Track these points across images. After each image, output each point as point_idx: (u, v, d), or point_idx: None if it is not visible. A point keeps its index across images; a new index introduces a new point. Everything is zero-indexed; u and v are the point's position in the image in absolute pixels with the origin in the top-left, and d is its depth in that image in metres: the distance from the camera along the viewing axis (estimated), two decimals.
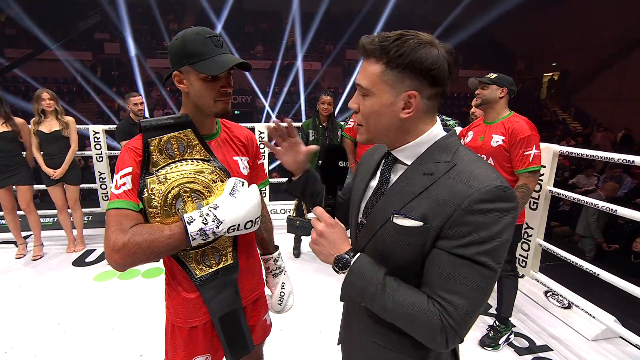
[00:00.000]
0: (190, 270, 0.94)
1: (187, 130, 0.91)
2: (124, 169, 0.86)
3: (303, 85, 13.35)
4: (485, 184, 0.59)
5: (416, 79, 0.63)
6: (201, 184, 0.90)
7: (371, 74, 0.65)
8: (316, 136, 3.09)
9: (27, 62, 11.63)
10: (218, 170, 0.93)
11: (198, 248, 0.94)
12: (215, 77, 0.85)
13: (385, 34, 0.65)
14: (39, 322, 2.28)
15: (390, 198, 0.68)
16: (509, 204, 0.60)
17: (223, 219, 0.83)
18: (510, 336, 2.13)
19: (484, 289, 0.60)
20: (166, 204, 0.86)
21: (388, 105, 0.65)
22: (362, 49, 0.67)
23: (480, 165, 0.63)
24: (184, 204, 0.88)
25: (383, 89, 0.65)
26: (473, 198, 0.59)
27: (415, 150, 0.69)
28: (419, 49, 0.62)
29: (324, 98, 2.99)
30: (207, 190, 0.90)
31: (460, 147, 0.67)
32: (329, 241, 0.70)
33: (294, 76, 13.53)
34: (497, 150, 1.91)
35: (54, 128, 3.11)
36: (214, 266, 0.96)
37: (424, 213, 0.62)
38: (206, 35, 0.84)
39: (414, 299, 0.62)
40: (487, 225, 0.59)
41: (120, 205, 0.83)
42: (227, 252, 0.99)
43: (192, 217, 0.83)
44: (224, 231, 0.84)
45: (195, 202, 0.89)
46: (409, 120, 0.66)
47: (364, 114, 0.68)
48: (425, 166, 0.66)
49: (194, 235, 0.82)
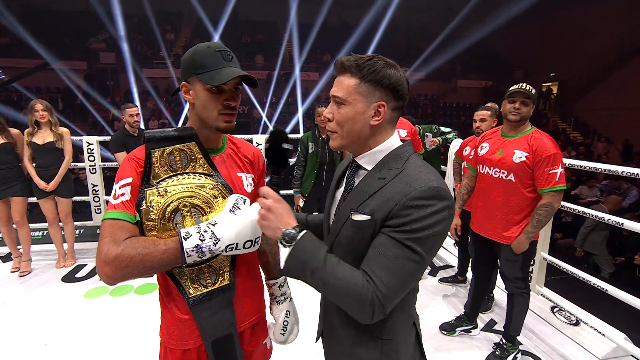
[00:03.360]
0: (184, 289, 0.92)
1: (191, 143, 0.91)
2: (124, 179, 0.86)
3: (301, 96, 13.47)
4: (422, 184, 0.72)
5: (384, 93, 0.78)
6: (202, 199, 0.89)
7: (347, 86, 0.78)
8: (316, 149, 3.09)
9: (33, 73, 11.76)
10: (220, 186, 0.92)
11: (194, 266, 0.92)
12: (221, 89, 0.87)
13: (358, 55, 0.79)
14: (23, 343, 2.21)
15: (351, 199, 0.81)
16: (441, 202, 0.72)
17: (221, 237, 0.82)
18: (518, 355, 2.10)
19: (410, 270, 0.72)
20: (164, 218, 0.86)
21: (361, 113, 0.78)
22: (340, 66, 0.79)
23: (423, 170, 0.76)
24: (182, 218, 0.87)
25: (357, 99, 0.78)
26: (410, 195, 0.72)
27: (375, 157, 0.82)
28: (386, 68, 0.77)
29: (319, 110, 3.00)
30: (207, 206, 0.90)
31: (412, 156, 0.80)
32: (276, 215, 0.78)
33: (292, 87, 13.65)
34: (519, 167, 1.85)
35: (47, 139, 3.11)
36: (209, 286, 0.94)
37: (372, 209, 0.75)
38: (216, 48, 0.88)
39: (351, 273, 0.72)
40: (420, 218, 0.71)
41: (116, 215, 0.83)
42: (225, 272, 0.96)
43: (189, 233, 0.82)
44: (221, 249, 0.83)
45: (194, 217, 0.88)
46: (376, 128, 0.80)
47: (339, 121, 0.80)
48: (380, 172, 0.79)
49: (190, 252, 0.81)
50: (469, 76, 16.52)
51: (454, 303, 2.75)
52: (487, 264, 2.22)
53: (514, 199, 1.90)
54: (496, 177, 1.96)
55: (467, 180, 2.29)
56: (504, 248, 1.96)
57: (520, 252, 1.90)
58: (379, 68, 0.76)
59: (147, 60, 13.91)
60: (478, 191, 2.13)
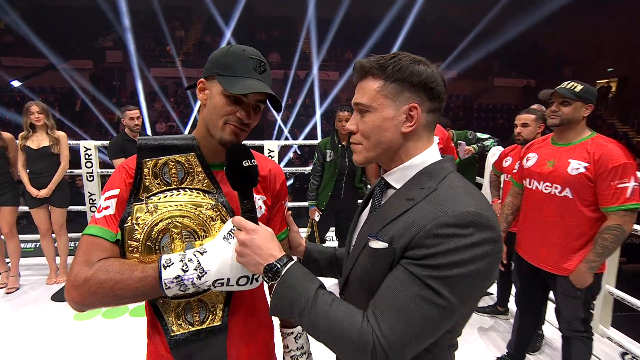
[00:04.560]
0: (167, 324, 0.86)
1: (190, 154, 0.88)
2: (111, 190, 0.85)
3: (319, 98, 13.50)
4: (455, 208, 0.63)
5: (415, 92, 0.72)
6: (196, 220, 0.84)
7: (370, 90, 0.74)
8: (334, 157, 3.01)
9: (39, 74, 12.34)
10: (220, 206, 0.87)
11: (182, 298, 0.86)
12: (239, 100, 0.84)
13: (380, 55, 0.75)
14: None
15: (373, 222, 0.75)
16: (481, 233, 0.62)
17: (208, 269, 0.77)
18: None
19: (430, 317, 0.62)
20: (150, 239, 0.82)
21: (390, 119, 0.73)
22: (360, 69, 0.76)
23: (462, 191, 0.68)
24: (171, 241, 0.83)
25: (384, 103, 0.73)
26: (438, 220, 0.63)
27: (405, 173, 0.76)
28: (415, 64, 0.72)
29: (340, 115, 2.91)
30: (201, 229, 0.85)
31: (451, 175, 0.72)
32: (253, 249, 0.74)
33: (309, 87, 13.72)
34: (577, 180, 1.69)
35: (42, 144, 3.16)
36: (196, 324, 0.87)
37: (393, 235, 0.68)
38: (251, 55, 0.85)
39: (347, 315, 0.65)
40: (449, 251, 0.61)
41: (95, 232, 0.81)
42: (217, 310, 0.89)
43: (170, 260, 0.78)
44: (208, 284, 0.78)
45: (185, 241, 0.84)
46: (410, 136, 0.74)
47: (364, 131, 0.75)
48: (410, 191, 0.72)
49: (168, 284, 0.76)
50: (508, 74, 16.13)
51: (494, 339, 2.57)
52: (537, 297, 2.05)
53: (572, 219, 1.74)
54: (547, 192, 1.81)
55: (511, 199, 2.14)
56: (561, 281, 1.79)
57: (583, 286, 1.73)
58: (405, 65, 0.72)
59: (155, 59, 14.32)
60: (526, 210, 1.98)
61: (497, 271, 0.69)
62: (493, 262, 0.64)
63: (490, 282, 0.67)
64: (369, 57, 0.76)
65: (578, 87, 1.73)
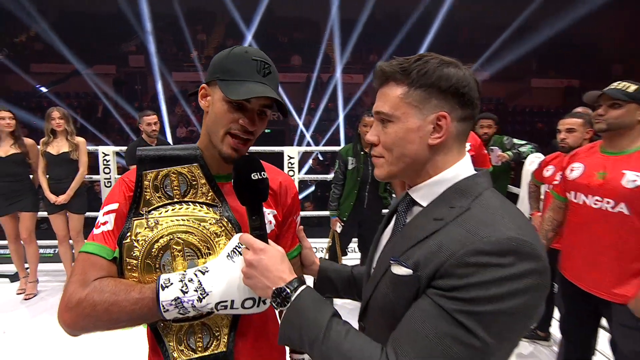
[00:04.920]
0: (167, 350, 0.84)
1: (193, 165, 0.86)
2: (109, 204, 0.84)
3: (342, 101, 13.48)
4: (492, 232, 0.58)
5: (444, 99, 0.67)
6: (199, 237, 0.82)
7: (393, 98, 0.69)
8: (357, 165, 2.96)
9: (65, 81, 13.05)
10: (225, 221, 0.84)
11: (184, 321, 0.83)
12: (242, 106, 0.81)
13: (403, 57, 0.70)
14: None
15: (396, 243, 0.71)
16: (523, 263, 0.56)
17: (210, 290, 0.74)
18: None
19: (460, 359, 0.55)
20: (150, 256, 0.80)
21: (415, 130, 0.68)
22: (380, 74, 0.71)
23: (500, 212, 0.62)
24: (172, 259, 0.81)
25: (408, 112, 0.68)
26: (472, 247, 0.57)
27: (433, 190, 0.70)
28: (443, 67, 0.67)
29: (366, 119, 2.86)
30: (205, 246, 0.82)
31: (486, 192, 0.67)
32: (261, 270, 0.71)
33: (332, 91, 13.72)
34: (634, 194, 1.55)
35: (62, 150, 3.26)
36: (199, 351, 0.84)
37: (417, 260, 0.62)
38: (254, 56, 0.82)
39: (364, 349, 0.60)
40: (484, 283, 0.55)
41: (91, 249, 0.79)
42: (222, 335, 0.86)
43: (169, 280, 0.76)
44: (210, 307, 0.75)
45: (187, 259, 0.82)
46: (438, 149, 0.69)
47: (386, 143, 0.71)
48: (438, 210, 0.67)
49: (167, 306, 0.74)
50: (547, 74, 15.52)
51: None
52: (586, 325, 1.88)
53: (629, 239, 1.58)
54: (597, 207, 1.67)
55: (552, 213, 2.00)
56: (618, 309, 1.63)
57: None
58: (432, 68, 0.67)
59: (177, 63, 14.74)
60: (571, 227, 1.84)
61: (543, 307, 0.61)
62: (538, 298, 0.57)
63: (534, 320, 0.60)
64: (391, 61, 0.71)
65: (631, 87, 1.60)
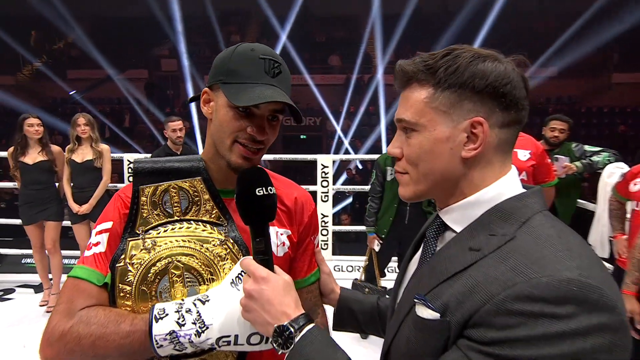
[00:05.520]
0: None
1: (195, 179, 0.84)
2: (102, 223, 0.83)
3: (384, 105, 13.36)
4: (545, 272, 0.49)
5: (480, 101, 0.61)
6: (201, 261, 0.80)
7: (416, 102, 0.64)
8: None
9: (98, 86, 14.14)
10: (231, 242, 0.82)
11: (182, 358, 0.79)
12: (250, 112, 0.79)
13: (427, 53, 0.65)
14: None
15: (422, 277, 0.66)
16: (589, 315, 0.46)
17: (210, 323, 0.71)
18: None
19: None
20: (145, 282, 0.78)
21: (444, 140, 0.62)
22: (401, 74, 0.66)
23: (558, 242, 0.53)
24: (170, 285, 0.79)
25: (435, 118, 0.62)
26: (516, 290, 0.49)
27: (469, 213, 0.64)
28: (478, 62, 0.61)
29: None
30: (207, 271, 0.80)
31: (538, 216, 0.59)
32: (261, 303, 0.67)
33: (373, 93, 13.67)
34: None
35: (86, 157, 3.45)
36: None
37: (447, 301, 0.56)
38: (262, 55, 0.80)
39: None
40: (530, 340, 0.47)
41: (80, 274, 0.78)
42: None
43: (164, 311, 0.73)
44: (211, 342, 0.71)
45: (187, 286, 0.79)
46: (474, 162, 0.63)
47: (410, 157, 0.65)
48: (475, 238, 0.60)
49: (160, 341, 0.71)
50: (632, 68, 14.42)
51: None
52: None
53: None
54: None
55: None
56: None
57: None
58: (463, 64, 0.60)
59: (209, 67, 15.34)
60: None
61: None
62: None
63: None
64: (414, 58, 0.66)
65: None
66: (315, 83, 14.01)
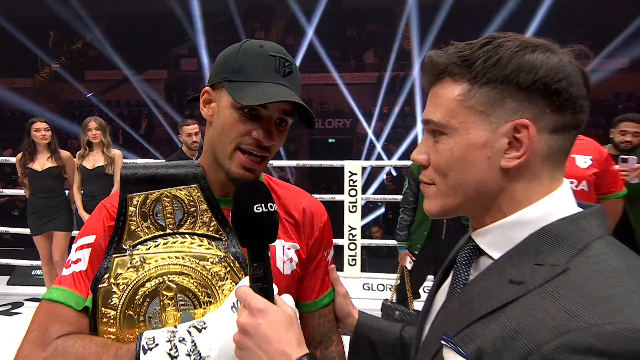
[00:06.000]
0: None
1: (191, 186, 0.84)
2: (84, 237, 0.83)
3: (421, 105, 13.21)
4: (610, 317, 0.43)
5: (526, 100, 0.56)
6: (197, 280, 0.79)
7: (447, 100, 0.61)
8: None
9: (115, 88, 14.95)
10: (231, 259, 0.81)
11: None
12: (257, 114, 0.78)
13: (464, 43, 0.62)
14: None
15: (451, 312, 0.63)
16: None
17: (207, 355, 0.70)
18: None
19: None
20: (132, 305, 0.77)
21: (479, 146, 0.58)
22: (430, 67, 0.63)
23: (625, 279, 0.47)
24: (161, 309, 0.78)
25: (469, 120, 0.59)
26: (570, 339, 0.44)
27: (509, 236, 0.59)
28: (525, 52, 0.56)
29: None
30: (204, 293, 0.79)
31: (598, 242, 0.53)
32: (257, 341, 0.63)
33: (409, 92, 13.57)
34: None
35: (97, 163, 3.56)
36: None
37: (480, 347, 0.53)
38: (271, 52, 0.81)
39: None
40: None
41: (56, 296, 0.77)
42: None
43: (153, 340, 0.72)
44: None
45: (181, 309, 0.78)
46: (517, 173, 0.58)
47: (438, 165, 0.62)
48: (517, 268, 0.55)
49: None
50: None
51: None
52: None
53: None
54: None
55: None
56: None
57: None
58: (506, 55, 0.56)
59: None
60: None
61: None
62: None
63: None
64: (447, 48, 0.62)
65: None
66: (344, 82, 14.06)
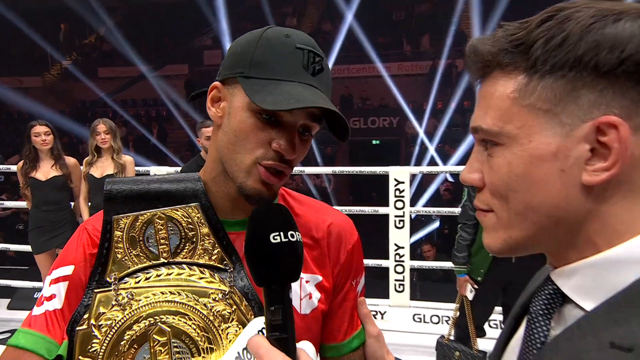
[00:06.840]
0: None
1: (190, 205, 0.83)
2: (61, 267, 0.82)
3: None
4: None
5: (610, 88, 0.49)
6: (196, 322, 0.78)
7: (499, 99, 0.56)
8: None
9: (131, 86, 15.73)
10: (238, 295, 0.80)
11: None
12: (278, 120, 0.76)
13: (517, 22, 0.57)
14: None
15: None
16: None
17: None
18: None
19: None
20: (117, 353, 0.76)
21: (549, 158, 0.52)
22: (474, 59, 0.59)
23: None
24: (152, 358, 0.77)
25: (531, 123, 0.53)
26: None
27: (604, 279, 0.52)
28: (603, 23, 0.49)
29: None
30: (204, 338, 0.78)
31: None
32: None
33: (469, 84, 13.30)
34: None
35: (106, 172, 3.66)
36: None
37: None
38: (299, 44, 0.78)
39: None
40: None
41: (24, 342, 0.77)
42: None
43: None
44: None
45: (176, 358, 0.78)
46: (606, 191, 0.51)
47: (494, 186, 0.57)
48: (623, 326, 0.48)
49: None
50: None
51: None
52: None
53: None
54: None
55: None
56: None
57: None
58: (576, 29, 0.49)
59: None
60: None
61: None
62: None
63: None
64: (495, 32, 0.57)
65: None
66: (390, 74, 14.09)
